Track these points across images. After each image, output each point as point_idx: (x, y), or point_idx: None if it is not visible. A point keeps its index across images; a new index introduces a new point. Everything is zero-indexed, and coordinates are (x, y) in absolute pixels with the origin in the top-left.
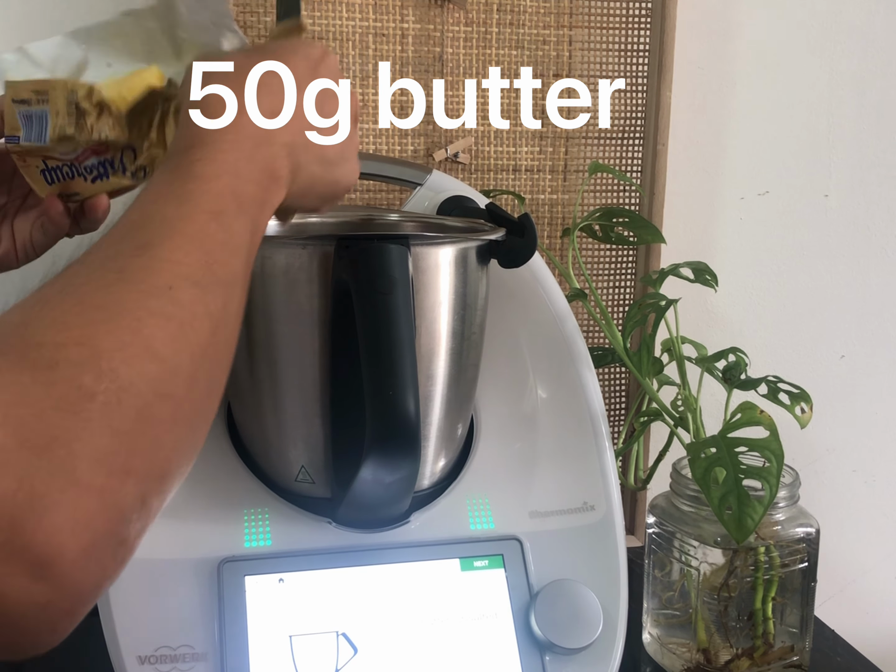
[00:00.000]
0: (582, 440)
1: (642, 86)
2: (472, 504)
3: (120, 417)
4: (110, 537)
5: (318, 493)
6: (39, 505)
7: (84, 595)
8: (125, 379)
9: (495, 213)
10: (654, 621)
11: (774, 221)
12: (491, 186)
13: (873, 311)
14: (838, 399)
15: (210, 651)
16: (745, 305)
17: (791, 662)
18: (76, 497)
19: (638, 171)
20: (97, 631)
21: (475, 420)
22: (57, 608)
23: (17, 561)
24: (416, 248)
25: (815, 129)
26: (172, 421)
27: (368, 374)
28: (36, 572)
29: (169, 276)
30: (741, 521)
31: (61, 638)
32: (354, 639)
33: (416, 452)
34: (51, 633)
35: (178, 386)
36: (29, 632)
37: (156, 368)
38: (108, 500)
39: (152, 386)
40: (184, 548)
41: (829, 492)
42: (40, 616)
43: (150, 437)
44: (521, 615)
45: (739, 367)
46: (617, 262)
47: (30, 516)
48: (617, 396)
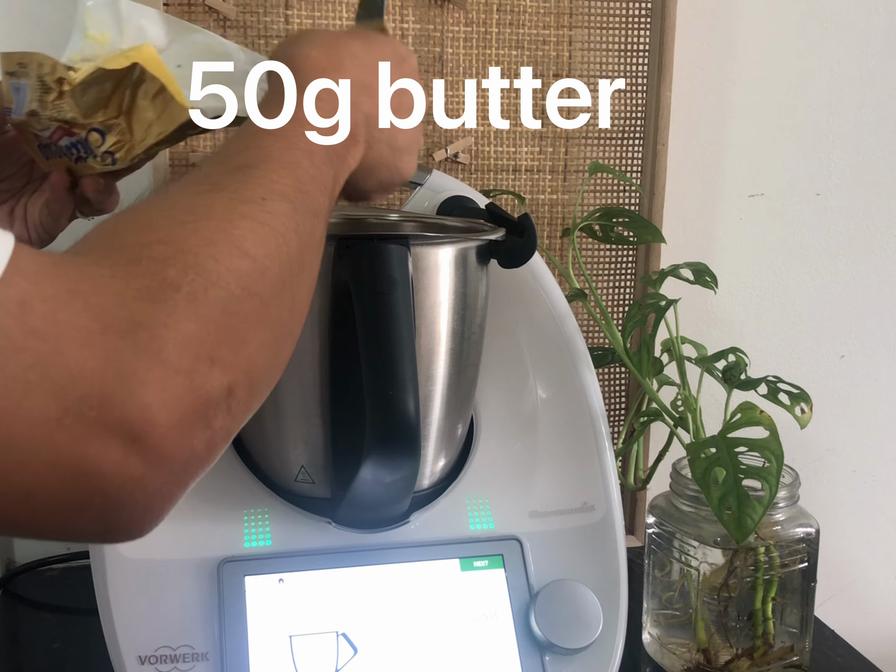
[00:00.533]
0: (582, 440)
1: (642, 86)
2: (472, 504)
3: (206, 308)
4: (198, 419)
5: (318, 493)
6: (128, 383)
7: (175, 473)
8: (212, 272)
9: (495, 213)
10: (654, 621)
11: (774, 221)
12: (491, 186)
13: (873, 311)
14: (838, 399)
15: (210, 651)
16: (745, 305)
17: (791, 662)
18: (163, 377)
19: (638, 171)
20: (97, 631)
21: (475, 420)
22: (150, 484)
23: (111, 435)
24: (416, 248)
25: (814, 128)
26: (258, 320)
27: (368, 374)
28: (129, 445)
29: (262, 190)
30: (741, 521)
31: (154, 521)
32: (354, 639)
33: (416, 452)
34: (145, 512)
35: (266, 286)
36: (124, 509)
37: (245, 265)
38: (194, 382)
39: (240, 281)
40: (184, 548)
41: (829, 492)
42: (135, 491)
43: (236, 330)
44: (520, 615)
45: (739, 367)
46: (617, 262)
47: (119, 393)
48: (617, 396)
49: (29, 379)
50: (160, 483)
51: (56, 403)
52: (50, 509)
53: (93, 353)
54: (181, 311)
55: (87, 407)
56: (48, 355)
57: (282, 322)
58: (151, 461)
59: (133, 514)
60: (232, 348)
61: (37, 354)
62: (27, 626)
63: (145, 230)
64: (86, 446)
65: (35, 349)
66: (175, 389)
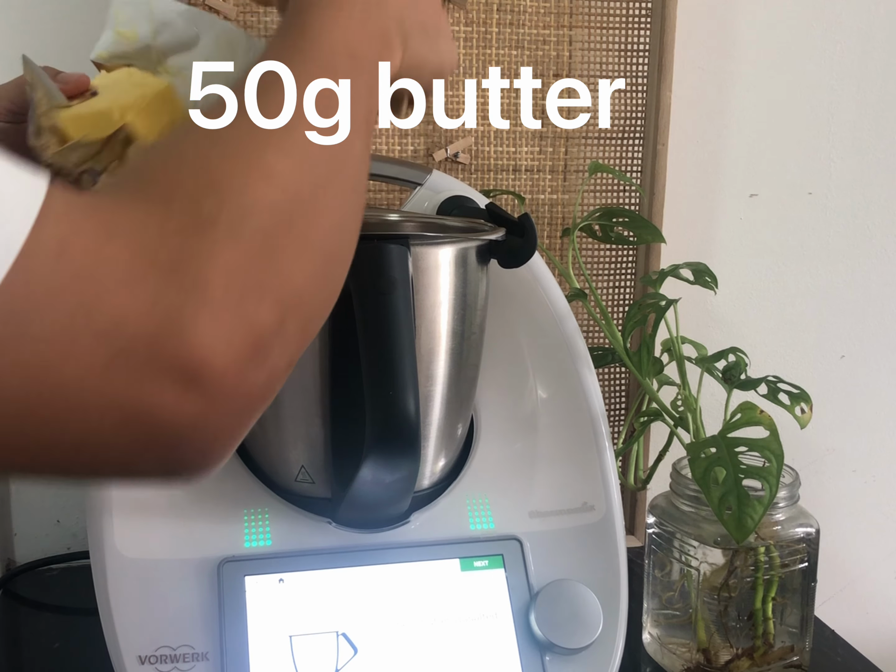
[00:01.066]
0: (582, 440)
1: (642, 86)
2: (472, 504)
3: (246, 240)
4: (253, 353)
5: (318, 493)
6: (177, 322)
7: (235, 411)
8: (246, 203)
9: (495, 213)
10: (654, 621)
11: (774, 221)
12: (491, 186)
13: (873, 311)
14: (838, 399)
15: (210, 651)
16: (745, 305)
17: (791, 662)
18: (212, 313)
19: (638, 171)
20: (97, 631)
21: (475, 420)
22: (210, 424)
23: (165, 376)
24: (416, 248)
25: (815, 128)
26: (301, 247)
27: (368, 374)
28: (185, 386)
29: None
30: (741, 521)
31: (217, 461)
32: (354, 639)
33: (416, 452)
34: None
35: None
36: (186, 450)
37: (278, 193)
38: (244, 315)
39: (275, 210)
40: (184, 548)
41: (829, 492)
42: (195, 432)
43: (279, 261)
44: (521, 615)
45: (739, 367)
46: (617, 262)
47: (169, 333)
48: (617, 396)
49: (74, 324)
50: (220, 422)
51: (104, 348)
52: (111, 455)
53: (138, 293)
54: (222, 244)
55: (137, 349)
56: (92, 298)
57: (327, 247)
58: (209, 401)
59: (195, 454)
60: (278, 280)
61: (80, 298)
62: (27, 626)
63: (176, 165)
64: (139, 389)
65: (78, 293)
66: (225, 325)
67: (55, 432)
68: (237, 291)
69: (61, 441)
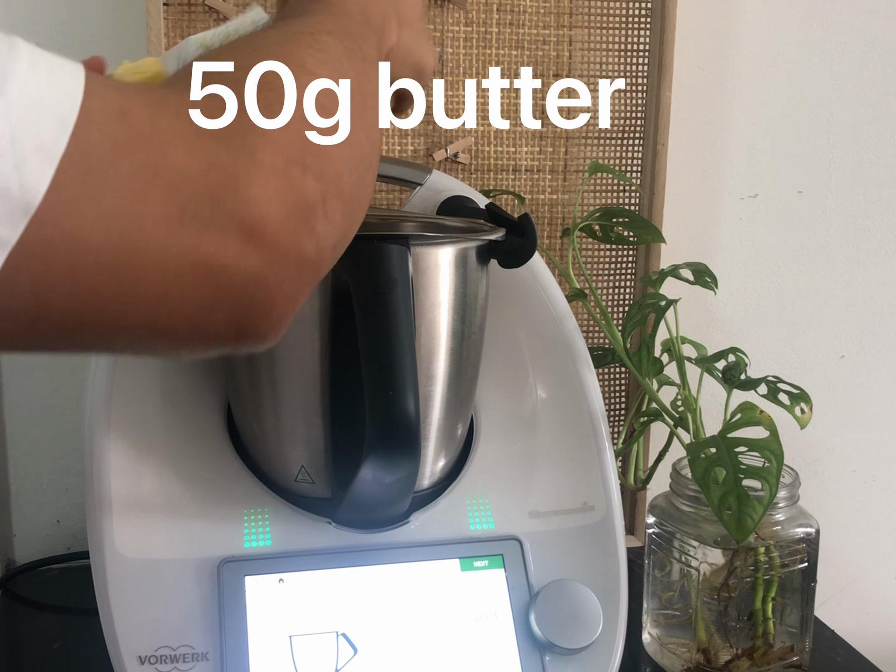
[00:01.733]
0: (582, 440)
1: (642, 86)
2: (472, 504)
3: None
4: (301, 219)
5: (318, 493)
6: (232, 181)
7: (292, 271)
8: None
9: (495, 213)
10: (654, 621)
11: (774, 221)
12: (491, 186)
13: (873, 311)
14: (838, 399)
15: (210, 651)
16: (745, 305)
17: (791, 662)
18: (263, 175)
19: (638, 171)
20: (97, 631)
21: (475, 420)
22: (271, 280)
23: (228, 230)
24: (416, 248)
25: (815, 129)
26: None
27: (368, 374)
28: (245, 240)
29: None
30: (741, 521)
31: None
32: (354, 639)
33: (416, 452)
34: (271, 310)
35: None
36: (252, 306)
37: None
38: (291, 182)
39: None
40: (184, 548)
41: (829, 492)
42: (258, 287)
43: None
44: (520, 615)
45: (739, 367)
46: (617, 262)
47: (227, 191)
48: (617, 396)
49: (144, 178)
50: (280, 279)
51: (173, 201)
52: (185, 311)
53: (195, 154)
54: (264, 119)
55: (201, 204)
56: (156, 156)
57: (359, 144)
58: (268, 256)
59: (260, 311)
60: (318, 158)
61: (146, 155)
62: (27, 626)
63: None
64: (208, 242)
65: (143, 150)
66: (275, 188)
67: (139, 284)
68: (283, 161)
69: (146, 294)
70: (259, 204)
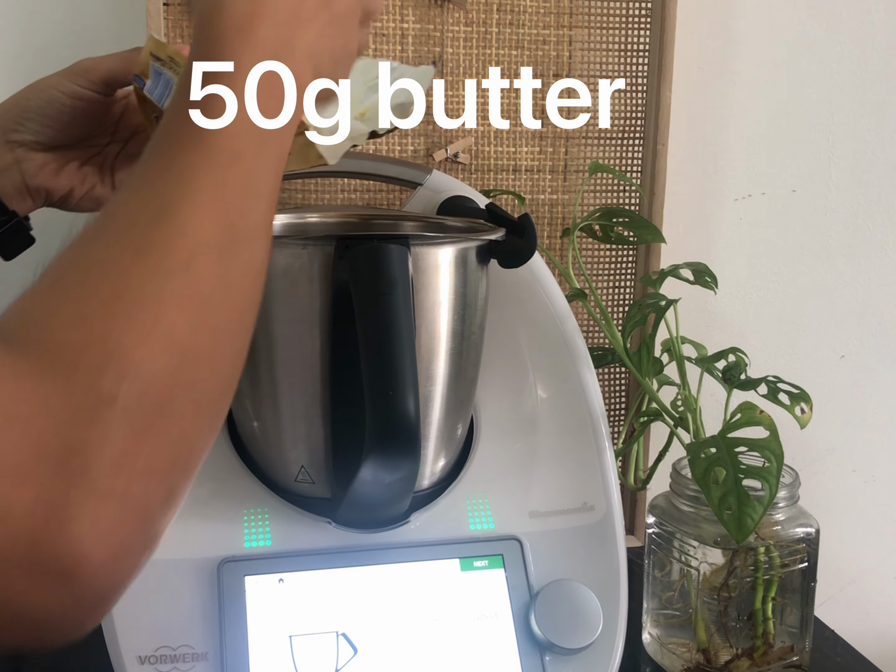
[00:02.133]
0: (582, 440)
1: (642, 86)
2: (472, 504)
3: (140, 419)
4: (137, 538)
5: (318, 493)
6: (59, 517)
7: (109, 595)
8: (146, 376)
9: (495, 213)
10: (654, 621)
11: (774, 221)
12: (491, 186)
13: (873, 311)
14: (838, 399)
15: (210, 651)
16: (745, 305)
17: (791, 662)
18: (97, 505)
19: (638, 171)
20: (97, 631)
21: (475, 420)
22: (81, 610)
23: (40, 573)
24: (416, 248)
25: (815, 129)
26: (196, 411)
27: (368, 374)
28: (58, 582)
29: (188, 247)
30: (741, 521)
31: (87, 631)
32: (354, 639)
33: (416, 452)
34: (75, 630)
35: (201, 371)
36: (53, 631)
37: (177, 360)
38: (131, 503)
39: (174, 378)
40: (184, 548)
41: (829, 492)
42: (65, 618)
43: (174, 432)
44: (520, 615)
45: (739, 367)
46: (617, 262)
47: (50, 529)
48: (617, 396)
49: None
50: (91, 608)
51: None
52: None
53: (24, 489)
54: (114, 429)
55: (15, 546)
56: None
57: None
58: (82, 593)
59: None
60: (169, 453)
61: None
62: None
63: (80, 323)
64: (12, 584)
65: None
66: (110, 516)
67: None
68: (124, 480)
69: None
70: (84, 542)
